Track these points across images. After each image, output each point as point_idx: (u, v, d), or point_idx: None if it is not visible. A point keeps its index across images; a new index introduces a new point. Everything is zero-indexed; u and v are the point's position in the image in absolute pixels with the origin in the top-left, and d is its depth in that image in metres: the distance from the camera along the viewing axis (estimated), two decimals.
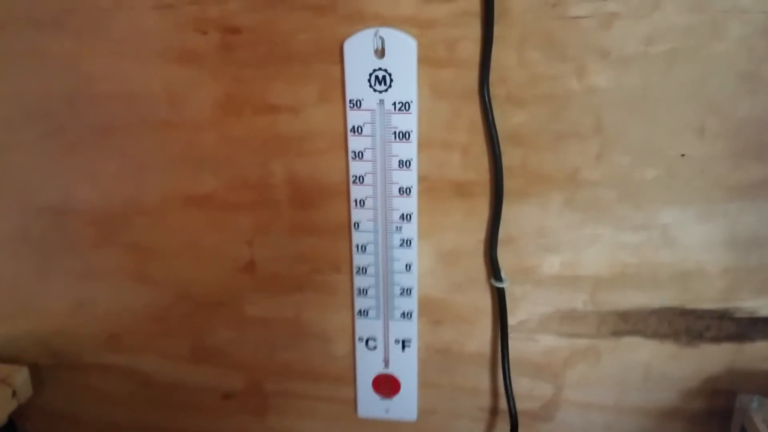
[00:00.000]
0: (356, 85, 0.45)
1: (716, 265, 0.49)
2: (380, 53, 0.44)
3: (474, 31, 0.44)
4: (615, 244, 0.49)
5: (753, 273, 0.48)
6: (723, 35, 0.42)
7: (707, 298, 0.50)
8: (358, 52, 0.44)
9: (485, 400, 0.56)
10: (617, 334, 0.52)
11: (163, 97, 0.49)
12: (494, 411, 0.56)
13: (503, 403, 0.55)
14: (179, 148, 0.50)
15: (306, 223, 0.51)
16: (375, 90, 0.45)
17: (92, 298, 0.57)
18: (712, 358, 0.51)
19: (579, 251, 0.50)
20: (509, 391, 0.52)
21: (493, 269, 0.50)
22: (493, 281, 0.50)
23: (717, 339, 0.51)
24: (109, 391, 0.60)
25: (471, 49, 0.44)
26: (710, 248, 0.48)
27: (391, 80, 0.45)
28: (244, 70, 0.47)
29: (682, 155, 0.46)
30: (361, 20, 0.44)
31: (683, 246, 0.48)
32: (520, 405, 0.54)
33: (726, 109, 0.44)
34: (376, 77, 0.45)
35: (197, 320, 0.56)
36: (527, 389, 0.55)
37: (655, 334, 0.51)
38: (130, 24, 0.47)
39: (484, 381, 0.55)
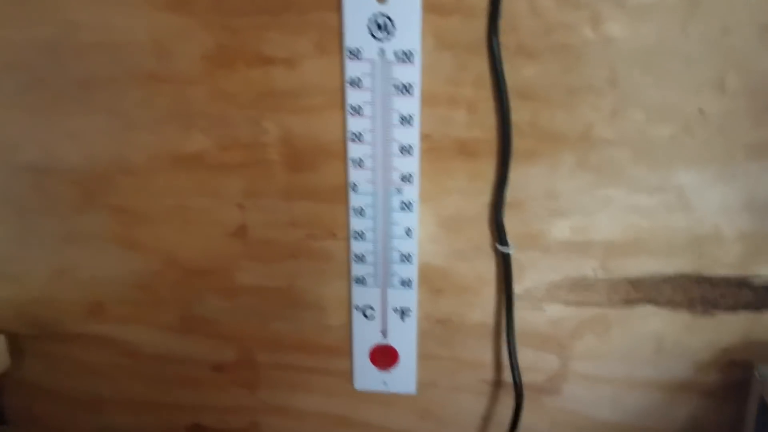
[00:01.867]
0: (355, 33, 0.42)
1: (734, 230, 0.46)
2: None
3: None
4: (628, 207, 0.46)
5: None
6: None
7: (724, 264, 0.47)
8: None
9: (488, 373, 0.53)
10: (628, 302, 0.49)
11: (150, 48, 0.46)
12: (498, 384, 0.54)
13: (507, 376, 0.53)
14: (167, 104, 0.47)
15: (301, 185, 0.49)
16: (375, 38, 0.42)
17: (75, 264, 0.54)
18: (729, 328, 0.49)
19: (590, 215, 0.47)
20: (514, 363, 0.50)
21: (499, 234, 0.47)
22: (498, 246, 0.48)
23: (733, 308, 0.48)
24: (93, 363, 0.57)
25: None
26: (728, 211, 0.46)
27: (393, 27, 0.42)
28: (237, 18, 0.44)
29: (701, 112, 0.43)
30: None
31: (699, 209, 0.46)
32: (525, 377, 0.52)
33: (747, 63, 0.41)
34: (377, 23, 0.42)
35: (186, 288, 0.54)
36: (532, 361, 0.52)
37: (669, 303, 0.49)
38: None
39: (486, 353, 0.53)
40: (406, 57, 0.42)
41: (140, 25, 0.45)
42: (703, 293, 0.48)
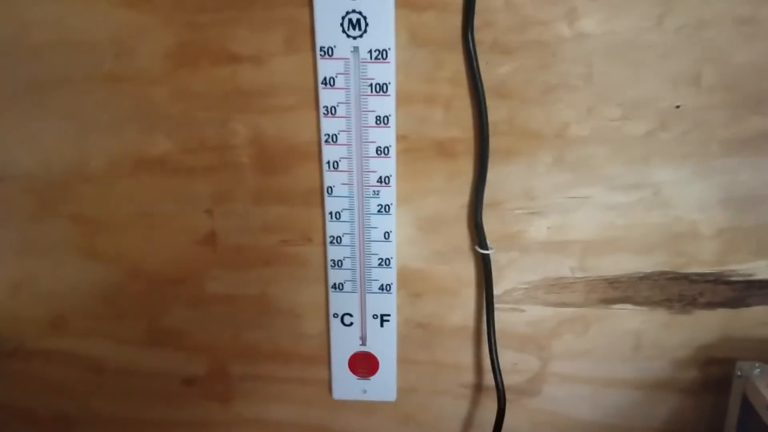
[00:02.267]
0: (327, 30, 0.41)
1: (711, 226, 0.46)
2: None
3: None
4: (605, 205, 0.46)
5: (749, 234, 0.46)
6: None
7: (701, 261, 0.47)
8: None
9: (468, 376, 0.52)
10: (606, 301, 0.49)
11: (109, 47, 0.43)
12: (478, 387, 0.53)
13: (487, 379, 0.52)
14: (127, 105, 0.45)
15: (273, 188, 0.47)
16: (348, 36, 0.41)
17: (33, 277, 0.51)
18: (707, 325, 0.49)
19: (567, 214, 0.46)
20: (496, 366, 0.49)
21: (478, 235, 0.46)
22: (477, 248, 0.47)
23: (711, 305, 0.48)
24: (55, 380, 0.54)
25: None
26: (705, 208, 0.45)
27: (367, 24, 0.40)
28: (200, 14, 0.42)
29: (677, 107, 0.43)
30: None
31: (677, 206, 0.46)
32: (505, 379, 0.51)
33: (723, 57, 0.41)
34: (350, 21, 0.40)
35: (152, 299, 0.51)
36: (512, 363, 0.51)
37: (646, 301, 0.49)
38: None
39: (467, 356, 0.52)
40: (380, 55, 0.41)
41: (97, 23, 0.43)
42: (680, 291, 0.48)
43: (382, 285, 0.48)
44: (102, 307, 0.52)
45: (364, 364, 0.51)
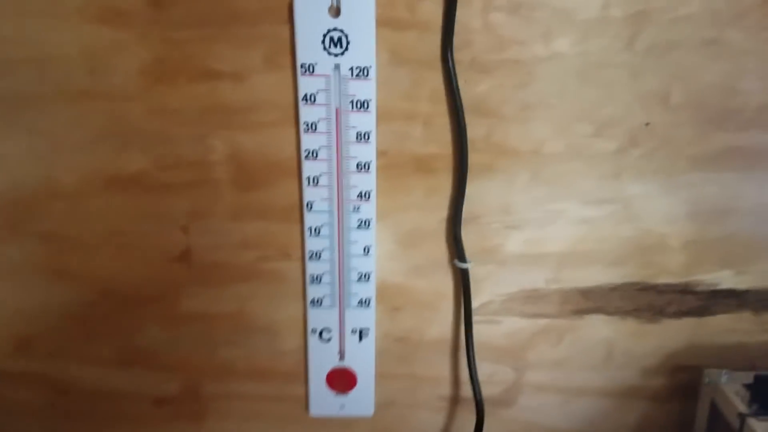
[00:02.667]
0: (309, 48, 0.41)
1: (678, 239, 0.48)
2: (335, 11, 0.40)
3: None
4: (578, 219, 0.47)
5: (714, 245, 0.48)
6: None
7: (669, 272, 0.49)
8: (311, 10, 0.40)
9: (446, 389, 0.53)
10: (579, 312, 0.50)
11: (82, 63, 0.42)
12: (455, 399, 0.53)
13: (464, 391, 0.52)
14: (101, 122, 0.44)
15: (251, 205, 0.46)
16: (330, 53, 0.41)
17: None
18: (674, 333, 0.50)
19: (543, 228, 0.47)
20: (474, 378, 0.50)
21: (457, 249, 0.47)
22: (456, 262, 0.47)
23: (678, 314, 0.50)
24: (22, 403, 0.52)
25: (433, 9, 0.41)
26: (673, 221, 0.47)
27: (348, 42, 0.41)
28: (179, 31, 0.42)
29: (647, 124, 0.44)
30: None
31: (646, 219, 0.47)
32: (483, 391, 0.51)
33: (690, 77, 0.43)
34: (331, 39, 0.40)
35: (124, 318, 0.50)
36: (488, 374, 0.52)
37: (618, 311, 0.50)
38: None
39: (444, 369, 0.52)
40: (362, 72, 0.41)
41: (70, 38, 0.42)
42: (650, 301, 0.50)
43: (361, 300, 0.48)
44: (71, 327, 0.50)
45: (341, 380, 0.51)
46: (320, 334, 0.49)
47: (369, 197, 0.45)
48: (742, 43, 0.42)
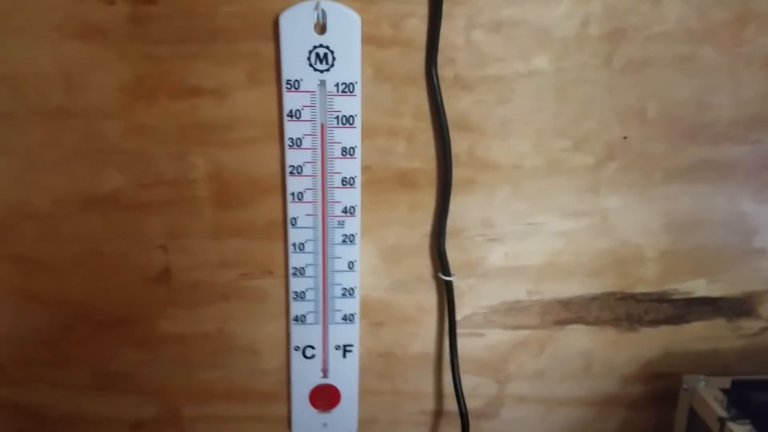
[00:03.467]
0: (294, 64, 0.41)
1: (654, 249, 0.49)
2: (321, 28, 0.40)
3: (421, 7, 0.41)
4: (557, 232, 0.48)
5: (688, 255, 0.49)
6: (663, 16, 0.42)
7: (646, 281, 0.50)
8: (296, 27, 0.40)
9: (429, 404, 0.53)
10: (560, 323, 0.51)
11: (58, 80, 0.41)
12: (438, 414, 0.53)
13: (448, 405, 0.53)
14: (76, 141, 0.43)
15: (232, 222, 0.46)
16: (315, 69, 0.41)
17: None
18: (651, 341, 0.52)
19: (524, 241, 0.48)
20: (459, 391, 0.50)
21: (441, 263, 0.47)
22: (441, 275, 0.47)
23: (655, 322, 0.51)
24: None
25: (418, 27, 0.41)
26: (648, 232, 0.48)
27: (334, 58, 0.41)
28: (159, 47, 0.41)
29: (625, 138, 0.45)
30: None
31: (623, 231, 0.48)
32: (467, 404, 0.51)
33: (665, 92, 0.44)
34: (317, 55, 0.40)
35: (99, 342, 0.49)
36: (471, 387, 0.52)
37: (597, 321, 0.51)
38: None
39: (427, 383, 0.52)
40: (347, 88, 0.41)
41: (46, 56, 0.41)
42: (628, 310, 0.51)
43: (345, 315, 0.48)
44: (44, 352, 0.48)
45: (325, 397, 0.51)
46: (303, 351, 0.49)
47: (354, 212, 0.45)
48: (714, 60, 0.43)
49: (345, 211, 0.44)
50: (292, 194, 0.44)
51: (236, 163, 0.44)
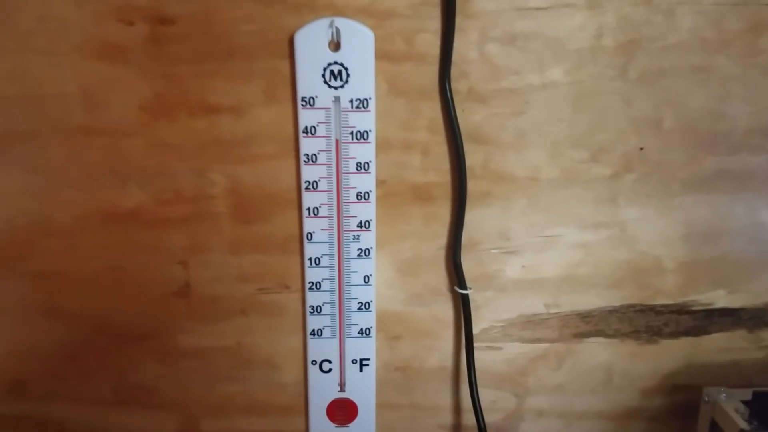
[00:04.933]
0: (309, 81, 0.41)
1: (673, 260, 0.49)
2: (335, 46, 0.41)
3: (434, 22, 0.41)
4: (576, 243, 0.48)
5: (708, 265, 0.49)
6: (677, 27, 0.42)
7: (665, 293, 0.49)
8: (311, 45, 0.40)
9: (447, 418, 0.53)
10: (579, 336, 0.51)
11: (80, 99, 0.42)
12: (457, 428, 0.53)
13: (466, 419, 0.52)
14: (98, 158, 0.44)
15: (250, 237, 0.46)
16: (330, 86, 0.41)
17: None
18: (671, 353, 0.51)
19: (541, 253, 0.48)
20: (477, 405, 0.49)
21: (458, 275, 0.47)
22: (457, 288, 0.47)
23: (675, 334, 0.51)
24: None
25: (431, 41, 0.42)
26: (667, 243, 0.48)
27: (348, 75, 0.41)
28: (178, 66, 0.42)
29: (641, 149, 0.45)
30: (311, 10, 0.41)
31: (641, 242, 0.48)
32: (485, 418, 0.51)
33: (681, 102, 0.44)
34: (332, 72, 0.41)
35: (120, 356, 0.49)
36: (490, 401, 0.52)
37: (616, 334, 0.51)
38: (41, 14, 0.40)
39: (445, 397, 0.52)
40: (361, 104, 0.42)
41: (68, 75, 0.42)
42: (647, 322, 0.50)
43: (361, 329, 0.48)
44: (65, 367, 0.49)
45: (342, 412, 0.51)
46: (320, 365, 0.49)
47: (369, 226, 0.45)
48: (730, 69, 0.43)
49: (360, 225, 0.45)
50: (308, 209, 0.44)
51: (254, 179, 0.45)
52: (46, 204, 0.45)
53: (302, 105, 0.42)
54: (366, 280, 0.46)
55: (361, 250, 0.46)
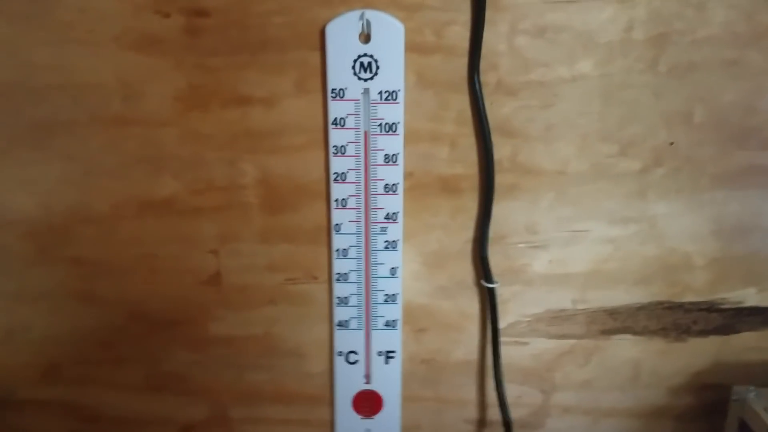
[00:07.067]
0: (339, 73, 0.42)
1: (703, 257, 0.48)
2: (365, 38, 0.41)
3: (463, 14, 0.42)
4: (604, 239, 0.48)
5: (738, 262, 0.48)
6: (708, 20, 0.42)
7: (695, 290, 0.49)
8: (342, 37, 0.41)
9: (472, 412, 0.53)
10: (606, 332, 0.50)
11: (117, 89, 0.43)
12: (482, 422, 0.53)
13: (491, 413, 0.52)
14: (134, 147, 0.45)
15: (280, 227, 0.47)
16: (360, 78, 0.42)
17: (26, 324, 0.49)
18: (700, 351, 0.51)
19: (569, 247, 0.48)
20: (503, 400, 0.49)
21: (484, 269, 0.47)
22: (483, 282, 0.47)
23: (704, 332, 0.50)
24: (48, 431, 0.52)
25: (460, 33, 0.42)
26: (697, 239, 0.48)
27: (378, 67, 0.42)
28: (212, 58, 0.43)
29: (671, 144, 0.45)
30: (342, 2, 0.41)
31: (671, 238, 0.48)
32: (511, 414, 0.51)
33: (712, 96, 0.44)
34: (361, 64, 0.42)
35: (152, 343, 0.50)
36: (515, 396, 0.52)
37: (644, 331, 0.50)
38: (80, 5, 0.41)
39: (470, 391, 0.52)
40: (390, 96, 0.42)
41: (106, 66, 0.43)
42: (675, 319, 0.50)
43: (387, 321, 0.48)
44: (99, 352, 0.50)
45: (368, 403, 0.51)
46: (347, 356, 0.49)
47: (396, 218, 0.45)
48: (762, 64, 0.42)
49: (387, 217, 0.45)
50: (336, 201, 0.45)
51: (284, 170, 0.45)
52: (83, 192, 0.46)
53: (332, 97, 0.42)
54: (392, 272, 0.47)
55: (388, 242, 0.46)
